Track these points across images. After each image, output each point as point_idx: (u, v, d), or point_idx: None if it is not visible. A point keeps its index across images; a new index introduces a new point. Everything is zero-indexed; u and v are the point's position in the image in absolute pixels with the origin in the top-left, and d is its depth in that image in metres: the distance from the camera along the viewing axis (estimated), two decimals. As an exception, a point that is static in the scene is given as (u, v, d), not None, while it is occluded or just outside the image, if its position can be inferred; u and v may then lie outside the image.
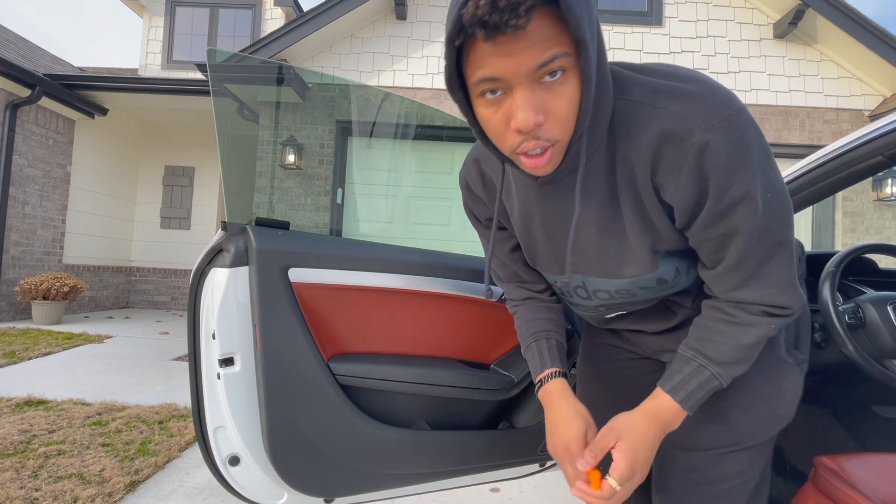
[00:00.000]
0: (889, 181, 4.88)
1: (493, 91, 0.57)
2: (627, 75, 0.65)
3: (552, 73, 0.55)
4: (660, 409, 0.71)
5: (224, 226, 1.10)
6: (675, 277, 0.76)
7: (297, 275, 1.10)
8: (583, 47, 0.54)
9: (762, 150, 0.61)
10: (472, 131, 0.65)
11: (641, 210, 0.68)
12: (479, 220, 0.90)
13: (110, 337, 4.59)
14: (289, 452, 1.08)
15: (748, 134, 0.59)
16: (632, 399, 0.92)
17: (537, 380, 0.85)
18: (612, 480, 0.67)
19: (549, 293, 0.94)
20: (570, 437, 0.74)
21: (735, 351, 0.69)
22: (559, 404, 0.79)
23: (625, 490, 0.68)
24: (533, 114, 0.56)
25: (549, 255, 0.81)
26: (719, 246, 0.66)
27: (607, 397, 0.99)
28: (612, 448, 0.70)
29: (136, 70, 7.93)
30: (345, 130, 5.23)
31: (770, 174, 0.62)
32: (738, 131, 0.59)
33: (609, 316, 0.89)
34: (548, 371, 0.84)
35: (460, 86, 0.60)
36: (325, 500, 1.15)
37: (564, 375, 0.84)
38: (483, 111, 0.60)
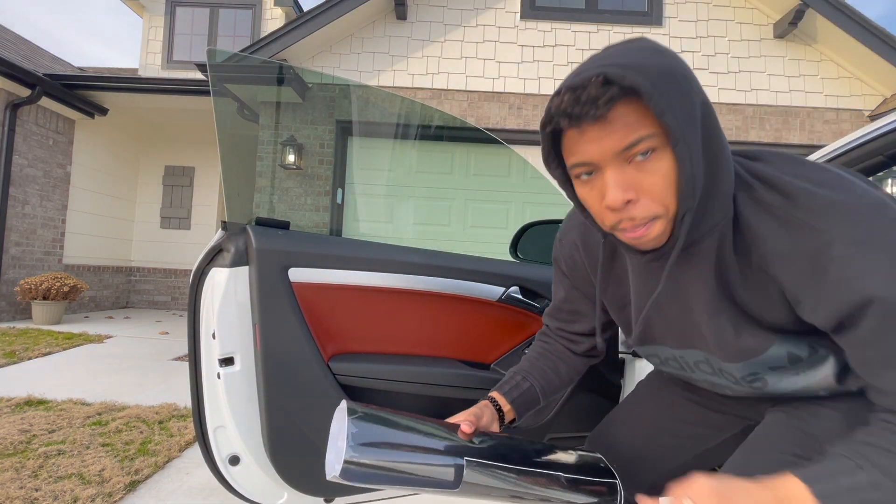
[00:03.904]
0: (889, 181, 4.89)
1: (587, 173, 0.62)
2: (750, 167, 0.64)
3: (642, 153, 0.58)
4: (785, 489, 0.58)
5: (224, 226, 1.10)
6: (812, 355, 0.69)
7: (298, 274, 1.10)
8: (670, 132, 0.56)
9: None
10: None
11: (768, 301, 0.65)
12: (564, 272, 0.92)
13: (110, 337, 4.59)
14: (289, 452, 1.08)
15: None
16: (672, 435, 0.92)
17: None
18: (687, 500, 0.58)
19: (573, 342, 0.96)
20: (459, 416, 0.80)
21: None
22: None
23: None
24: (622, 192, 0.59)
25: (662, 329, 0.78)
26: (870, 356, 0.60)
27: (645, 418, 0.96)
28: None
29: (136, 70, 7.92)
30: (345, 130, 5.23)
31: None
32: (886, 242, 0.55)
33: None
34: (491, 394, 0.90)
35: (558, 164, 0.66)
36: (325, 500, 1.15)
37: (493, 401, 0.88)
38: (580, 190, 0.65)
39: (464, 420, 0.76)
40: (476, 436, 0.74)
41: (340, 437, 0.67)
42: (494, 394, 0.89)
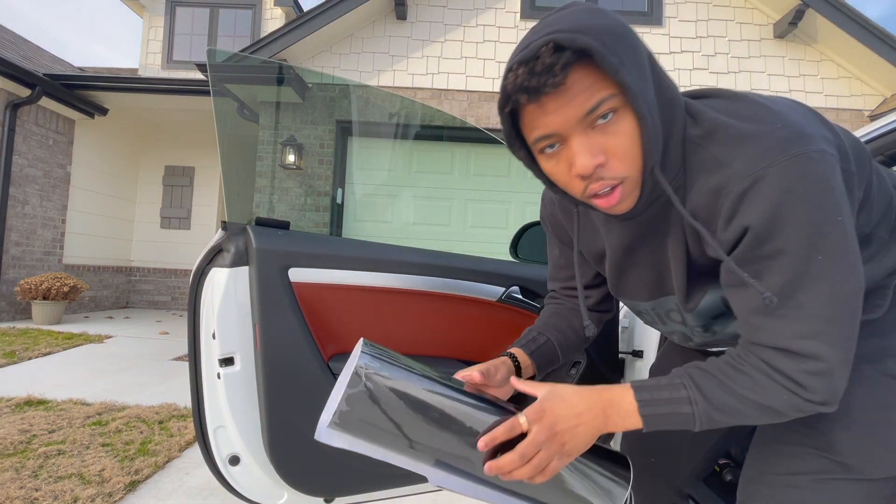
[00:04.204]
0: (889, 181, 4.88)
1: (550, 146, 0.61)
2: (689, 105, 0.64)
3: (603, 116, 0.57)
4: (613, 391, 0.65)
5: (224, 226, 1.10)
6: None
7: (298, 274, 1.10)
8: (627, 89, 0.55)
9: (820, 205, 0.54)
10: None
11: (695, 242, 0.67)
12: (551, 230, 0.93)
13: (110, 337, 4.59)
14: (289, 452, 1.08)
15: (803, 183, 0.54)
16: None
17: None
18: (522, 417, 0.64)
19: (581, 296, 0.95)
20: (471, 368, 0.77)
21: (727, 395, 0.61)
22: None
23: (531, 461, 0.62)
24: (590, 157, 0.58)
25: (637, 284, 0.78)
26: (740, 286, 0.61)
27: None
28: (537, 394, 0.66)
29: (136, 70, 7.93)
30: (345, 130, 5.23)
31: (828, 235, 0.55)
32: (789, 179, 0.54)
33: (713, 349, 0.86)
34: (509, 350, 0.89)
35: (521, 144, 0.65)
36: (325, 500, 1.15)
37: (513, 357, 0.86)
38: (546, 165, 0.64)
39: (476, 372, 0.74)
40: (480, 404, 0.68)
41: (342, 387, 0.64)
42: (513, 349, 0.87)
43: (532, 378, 0.88)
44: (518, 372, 0.84)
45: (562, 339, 0.91)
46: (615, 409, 0.64)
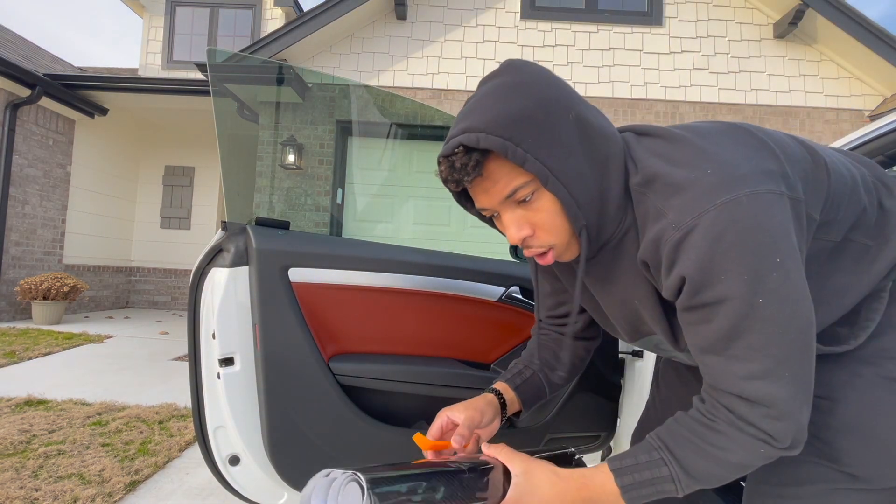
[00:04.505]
0: (889, 181, 4.87)
1: (492, 215, 0.69)
2: (631, 150, 0.65)
3: (526, 196, 0.63)
4: (592, 481, 0.63)
5: (224, 226, 1.10)
6: None
7: (297, 275, 1.10)
8: (539, 175, 0.59)
9: (754, 249, 0.54)
10: None
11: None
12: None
13: (110, 337, 4.59)
14: (289, 452, 1.08)
15: (733, 230, 0.54)
16: None
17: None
18: None
19: (566, 325, 0.95)
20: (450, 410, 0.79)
21: (707, 462, 0.60)
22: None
23: None
24: (517, 230, 0.66)
25: (618, 320, 0.79)
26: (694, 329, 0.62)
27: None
28: (506, 469, 0.66)
29: (136, 70, 7.92)
30: (345, 130, 5.23)
31: (766, 277, 0.54)
32: (718, 228, 0.54)
33: None
34: (494, 385, 0.90)
35: (472, 204, 0.72)
36: (325, 500, 1.15)
37: (498, 394, 0.86)
38: (497, 223, 0.71)
39: (456, 435, 0.75)
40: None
41: None
42: (497, 384, 0.88)
43: (518, 414, 0.88)
44: (503, 408, 0.84)
45: (548, 372, 0.92)
46: (595, 501, 0.63)
